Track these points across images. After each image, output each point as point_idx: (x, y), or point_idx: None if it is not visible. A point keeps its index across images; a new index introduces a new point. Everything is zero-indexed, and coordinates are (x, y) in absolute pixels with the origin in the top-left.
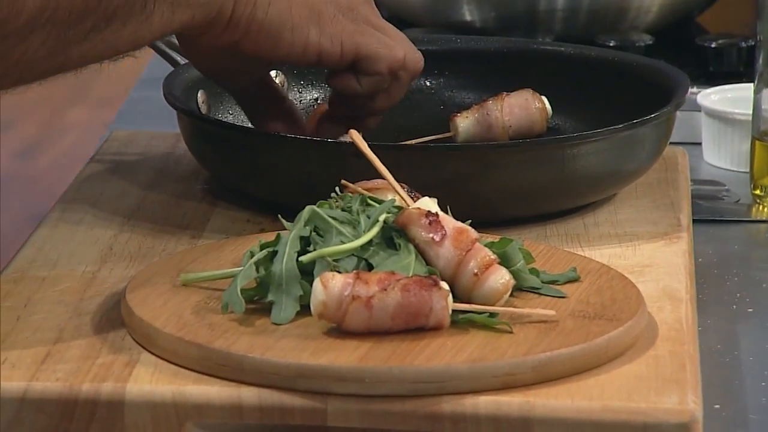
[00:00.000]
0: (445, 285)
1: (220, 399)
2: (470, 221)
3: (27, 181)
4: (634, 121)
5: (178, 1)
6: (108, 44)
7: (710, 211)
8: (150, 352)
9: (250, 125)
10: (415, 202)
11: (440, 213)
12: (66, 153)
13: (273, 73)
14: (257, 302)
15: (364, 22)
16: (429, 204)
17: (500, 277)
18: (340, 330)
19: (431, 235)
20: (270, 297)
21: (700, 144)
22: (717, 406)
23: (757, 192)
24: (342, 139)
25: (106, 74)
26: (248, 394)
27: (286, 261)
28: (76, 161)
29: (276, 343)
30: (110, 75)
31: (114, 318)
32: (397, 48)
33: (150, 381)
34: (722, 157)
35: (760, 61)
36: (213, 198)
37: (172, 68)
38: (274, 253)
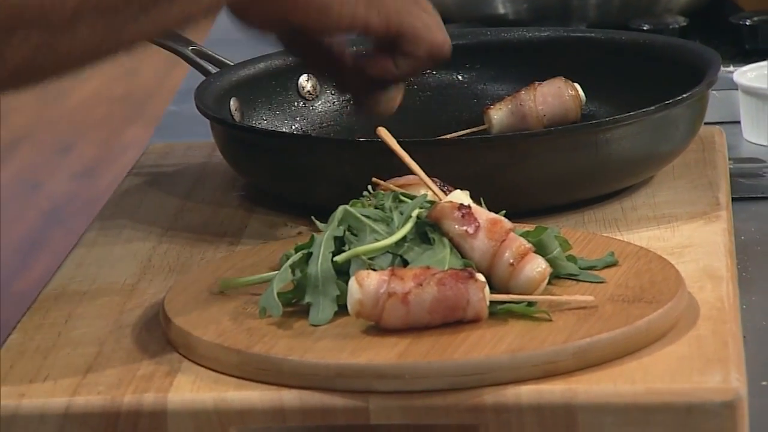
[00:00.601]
0: (481, 277)
1: (262, 403)
2: (504, 212)
3: (89, 202)
4: (666, 102)
5: None
6: (157, 24)
7: (751, 189)
8: (190, 360)
9: (281, 130)
10: (447, 195)
11: (473, 205)
12: (125, 171)
13: (305, 77)
14: (295, 305)
15: (411, 2)
16: (461, 197)
17: (536, 266)
18: (378, 328)
19: (465, 227)
20: (307, 299)
21: (738, 122)
22: (765, 383)
23: None
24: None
25: (160, 93)
26: (290, 397)
27: (321, 262)
28: None
29: (315, 345)
30: (163, 94)
31: (153, 329)
32: (438, 32)
33: (191, 389)
34: (761, 133)
35: None
36: (250, 204)
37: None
38: (309, 254)
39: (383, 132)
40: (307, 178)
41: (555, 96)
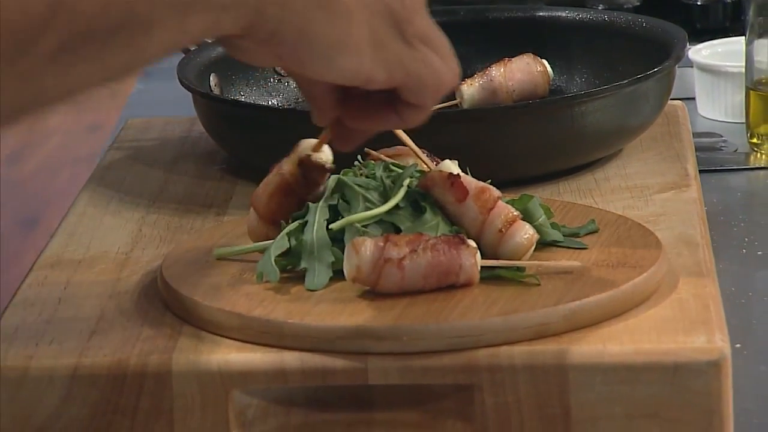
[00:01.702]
0: (472, 243)
1: (264, 365)
2: (490, 180)
3: (15, 186)
4: (638, 76)
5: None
6: (142, 57)
7: (711, 162)
8: (191, 324)
9: (264, 104)
10: (436, 165)
11: (462, 174)
12: (51, 156)
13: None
14: (290, 271)
15: (419, 40)
16: (450, 166)
17: (524, 233)
18: (373, 292)
19: (455, 195)
20: (303, 264)
21: (693, 99)
22: (738, 346)
23: (754, 140)
24: None
25: None
26: (290, 359)
27: (316, 229)
28: (62, 164)
29: (313, 308)
30: None
31: (152, 295)
32: (445, 72)
33: (195, 352)
34: (716, 109)
35: (750, 13)
36: (233, 177)
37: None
38: (305, 223)
39: None
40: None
41: (524, 72)
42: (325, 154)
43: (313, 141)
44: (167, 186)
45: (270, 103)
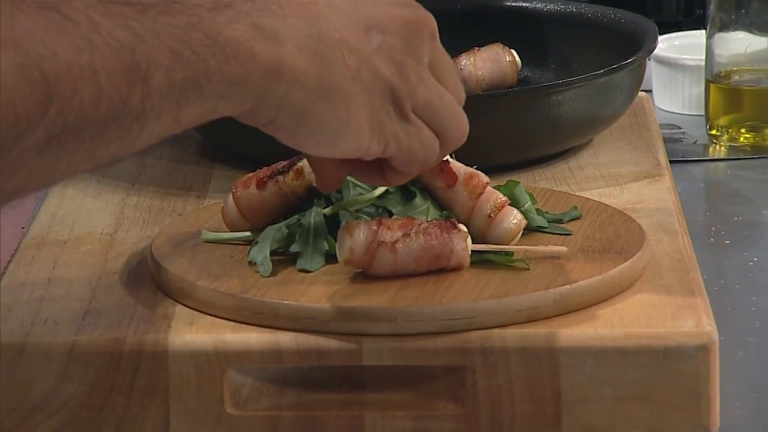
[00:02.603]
0: (463, 227)
1: (259, 345)
2: (476, 166)
3: None
4: (613, 66)
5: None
6: (133, 145)
7: (672, 153)
8: (184, 305)
9: None
10: None
11: (450, 160)
12: None
13: None
14: (281, 254)
15: (421, 110)
16: None
17: (513, 218)
18: (366, 275)
19: (444, 181)
20: (295, 248)
21: (649, 91)
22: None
23: (714, 132)
24: None
25: None
26: (286, 339)
27: (313, 216)
28: None
29: (307, 290)
30: None
31: (142, 275)
32: (433, 146)
33: (190, 332)
34: (674, 101)
35: (712, 7)
36: (209, 161)
37: None
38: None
39: None
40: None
41: (493, 61)
42: None
43: None
44: (144, 169)
45: None
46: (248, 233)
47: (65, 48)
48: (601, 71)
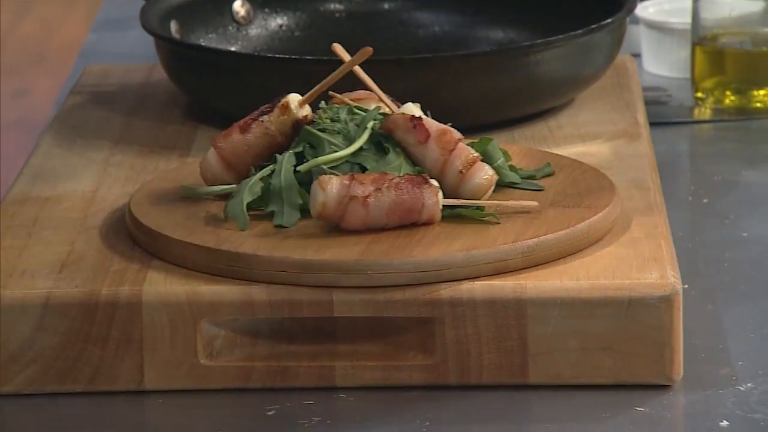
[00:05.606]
0: (434, 182)
1: (231, 297)
2: (450, 124)
3: None
4: (592, 26)
5: None
6: None
7: (657, 115)
8: (160, 258)
9: (228, 48)
10: (398, 108)
11: (423, 117)
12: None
13: (239, 2)
14: (257, 210)
15: None
16: (413, 109)
17: (484, 174)
18: (338, 229)
19: (417, 137)
20: (271, 207)
21: (638, 56)
22: (686, 286)
23: (699, 94)
24: None
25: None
26: (258, 291)
27: (284, 174)
28: None
29: (281, 243)
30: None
31: (120, 231)
32: None
33: (164, 283)
34: (662, 65)
35: None
36: (194, 121)
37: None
38: (273, 170)
39: (339, 48)
40: (256, 95)
41: None
42: (307, 108)
43: (298, 96)
44: (130, 129)
45: (230, 50)
46: (226, 187)
47: None
48: (581, 31)
